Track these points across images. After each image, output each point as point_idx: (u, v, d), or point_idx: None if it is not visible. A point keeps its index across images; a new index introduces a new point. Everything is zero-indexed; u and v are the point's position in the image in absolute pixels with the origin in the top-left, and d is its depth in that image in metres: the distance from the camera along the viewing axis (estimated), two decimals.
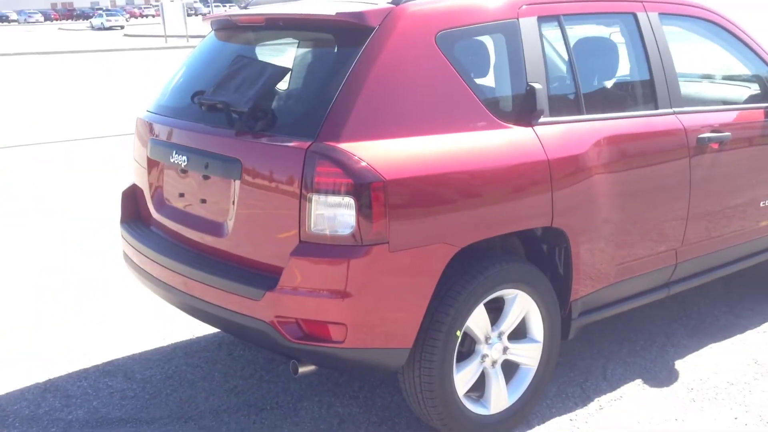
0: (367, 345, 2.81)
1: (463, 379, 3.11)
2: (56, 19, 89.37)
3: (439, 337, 2.95)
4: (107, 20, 61.49)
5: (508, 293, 3.18)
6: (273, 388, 3.73)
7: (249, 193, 2.93)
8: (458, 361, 3.11)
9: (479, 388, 3.24)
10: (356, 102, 2.79)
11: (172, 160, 3.28)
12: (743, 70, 4.34)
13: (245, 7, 3.71)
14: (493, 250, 3.25)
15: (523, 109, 3.16)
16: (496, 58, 3.28)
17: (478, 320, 3.09)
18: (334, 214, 2.71)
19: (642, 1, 3.73)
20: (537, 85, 3.16)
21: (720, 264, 4.14)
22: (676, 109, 3.70)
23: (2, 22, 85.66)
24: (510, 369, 3.33)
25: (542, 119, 3.19)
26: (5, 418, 3.52)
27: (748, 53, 4.20)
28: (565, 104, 3.39)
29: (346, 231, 2.70)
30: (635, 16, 3.68)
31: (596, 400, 3.57)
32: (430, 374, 2.98)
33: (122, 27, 61.34)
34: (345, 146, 2.71)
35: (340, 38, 3.05)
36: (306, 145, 2.74)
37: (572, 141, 3.25)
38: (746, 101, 4.27)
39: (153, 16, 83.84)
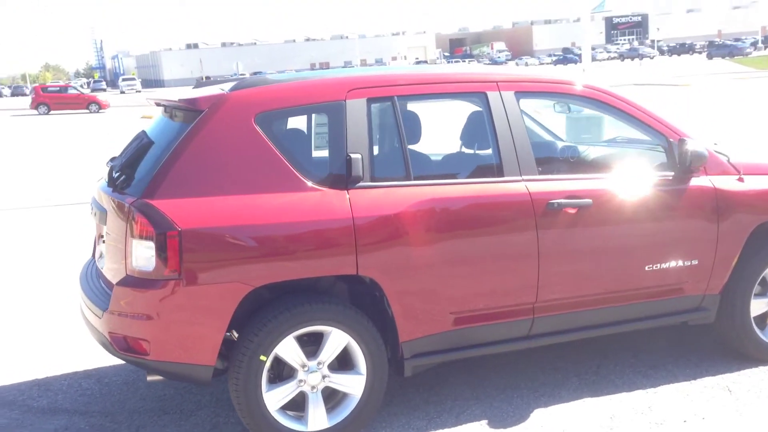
0: (169, 359, 3.59)
1: (275, 397, 3.76)
2: None
3: (244, 360, 3.65)
4: None
5: (323, 329, 3.79)
6: (190, 398, 4.57)
7: (109, 235, 3.86)
8: (276, 381, 3.78)
9: (302, 408, 3.85)
10: (173, 168, 3.62)
11: (92, 212, 4.28)
12: (637, 141, 4.56)
13: (197, 86, 4.65)
14: (306, 290, 3.86)
15: (341, 175, 3.79)
16: (317, 133, 3.96)
17: (288, 350, 3.74)
18: (144, 254, 3.54)
19: (497, 81, 4.18)
20: (355, 156, 3.79)
21: (601, 323, 4.36)
22: (526, 177, 4.09)
23: None
24: (337, 395, 3.91)
25: (360, 184, 3.80)
26: None
27: (640, 126, 4.42)
28: (391, 172, 3.96)
29: (150, 268, 3.52)
30: (486, 95, 4.13)
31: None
32: (237, 389, 3.69)
33: None
34: (156, 202, 3.54)
35: (183, 118, 3.89)
36: (132, 200, 3.61)
37: (388, 203, 3.81)
38: (633, 169, 4.49)
39: None
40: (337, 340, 3.81)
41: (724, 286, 4.55)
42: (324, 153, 3.93)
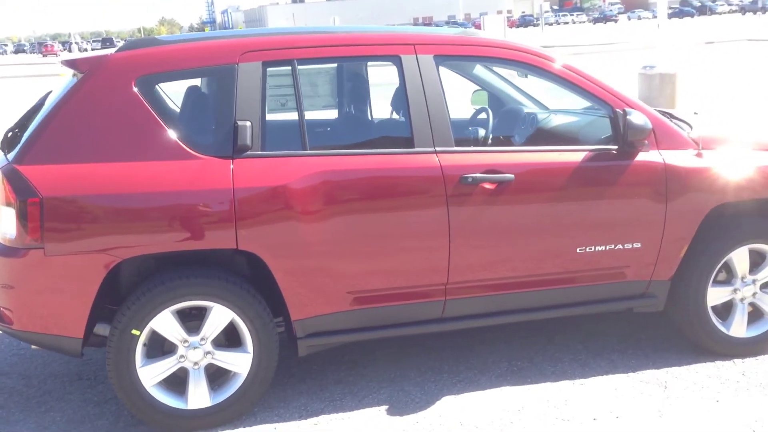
0: (33, 329, 3.52)
1: (151, 372, 3.64)
2: None
3: (116, 333, 3.54)
4: None
5: (205, 305, 3.63)
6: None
7: None
8: (155, 356, 3.66)
9: (184, 384, 3.72)
10: (44, 132, 3.50)
11: None
12: (575, 110, 4.14)
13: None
14: (196, 263, 3.70)
15: (227, 143, 3.58)
16: (202, 98, 3.74)
17: (165, 324, 3.60)
18: (9, 221, 3.45)
19: (414, 44, 3.84)
20: (243, 123, 3.57)
21: (528, 307, 4.03)
22: (439, 149, 3.76)
23: None
24: (225, 373, 3.76)
25: (248, 153, 3.58)
26: None
27: (582, 93, 4.00)
28: (285, 141, 3.72)
29: (12, 236, 3.43)
30: (400, 59, 3.81)
31: (322, 416, 3.81)
32: (109, 362, 3.59)
33: None
34: (23, 168, 3.44)
35: (72, 80, 3.74)
36: (4, 164, 3.52)
37: (276, 175, 3.58)
38: (568, 142, 4.10)
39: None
40: (219, 316, 3.65)
41: (675, 272, 4.12)
42: (202, 119, 3.73)
